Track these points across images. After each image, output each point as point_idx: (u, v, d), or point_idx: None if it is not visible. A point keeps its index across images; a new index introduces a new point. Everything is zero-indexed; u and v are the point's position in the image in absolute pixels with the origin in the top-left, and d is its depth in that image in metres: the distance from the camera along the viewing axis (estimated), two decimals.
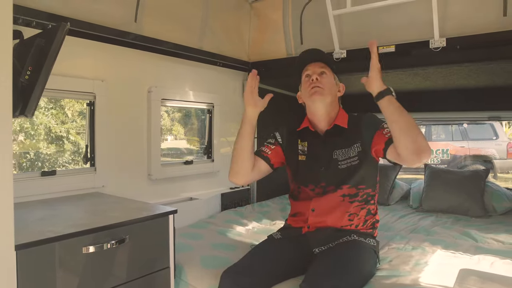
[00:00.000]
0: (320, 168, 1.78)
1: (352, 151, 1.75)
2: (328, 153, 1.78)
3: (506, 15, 2.20)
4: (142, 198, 2.27)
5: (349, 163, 1.74)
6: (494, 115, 3.53)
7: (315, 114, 1.82)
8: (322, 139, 1.82)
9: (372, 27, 2.66)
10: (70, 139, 5.36)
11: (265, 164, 1.88)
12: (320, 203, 1.76)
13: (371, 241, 1.76)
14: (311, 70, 1.81)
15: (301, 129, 1.88)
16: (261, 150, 1.92)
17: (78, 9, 2.08)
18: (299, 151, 1.87)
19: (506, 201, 2.95)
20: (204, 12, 2.81)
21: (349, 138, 1.77)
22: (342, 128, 1.79)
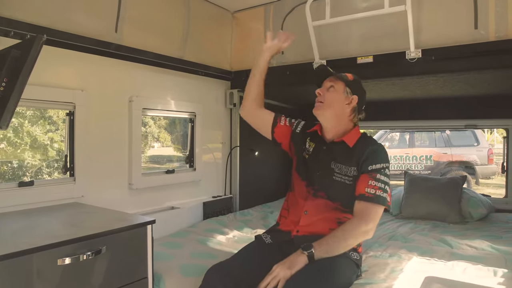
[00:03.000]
0: (316, 172, 1.85)
1: (349, 171, 1.80)
2: (327, 162, 1.85)
3: (477, 28, 2.28)
4: (123, 207, 2.27)
5: (344, 179, 1.80)
6: (471, 123, 3.62)
7: (322, 124, 1.95)
8: (325, 147, 1.90)
9: (351, 38, 2.72)
10: (54, 147, 5.31)
11: (270, 122, 2.06)
12: (313, 206, 1.81)
13: (354, 254, 1.79)
14: (323, 86, 1.94)
15: (311, 131, 2.00)
16: (279, 115, 2.09)
17: (58, 19, 2.07)
18: (305, 148, 1.97)
19: (481, 207, 3.02)
20: (186, 22, 2.84)
21: (349, 159, 1.81)
22: (346, 145, 1.85)
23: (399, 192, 3.42)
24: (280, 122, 2.05)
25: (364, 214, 1.68)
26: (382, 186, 1.71)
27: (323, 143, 1.92)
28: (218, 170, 3.35)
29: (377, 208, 1.69)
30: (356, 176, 1.78)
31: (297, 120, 2.10)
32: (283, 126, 2.05)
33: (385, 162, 1.78)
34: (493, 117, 3.48)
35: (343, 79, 1.90)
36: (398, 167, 9.47)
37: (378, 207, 1.69)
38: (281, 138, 2.06)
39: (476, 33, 2.28)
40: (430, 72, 2.50)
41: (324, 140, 1.93)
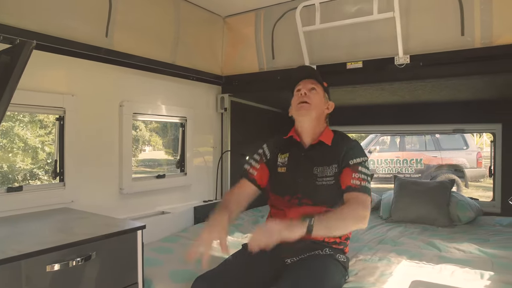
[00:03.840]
0: (298, 179, 1.84)
1: (329, 170, 1.81)
2: (309, 167, 1.84)
3: (463, 34, 2.33)
4: (113, 212, 2.26)
5: (326, 182, 1.80)
6: (459, 128, 3.68)
7: (302, 127, 1.91)
8: (305, 152, 1.88)
9: (341, 43, 2.75)
10: (46, 150, 5.26)
11: (252, 187, 1.93)
12: (298, 214, 1.79)
13: (341, 256, 1.81)
14: (303, 86, 1.89)
15: (287, 137, 1.97)
16: (248, 171, 1.95)
17: (48, 24, 2.07)
18: (279, 163, 1.93)
19: (469, 210, 3.06)
20: (177, 27, 2.85)
21: (330, 157, 1.83)
22: (325, 145, 1.86)
23: (389, 196, 3.45)
24: (255, 175, 1.92)
25: (359, 200, 1.68)
26: (365, 177, 1.75)
27: (301, 149, 1.91)
28: (209, 175, 3.35)
29: (366, 197, 1.71)
30: (338, 172, 1.79)
31: (261, 150, 2.00)
32: (258, 173, 1.93)
33: (364, 156, 1.83)
34: (481, 121, 3.53)
35: (322, 84, 1.92)
36: (388, 170, 9.54)
37: (366, 196, 1.72)
38: (266, 178, 1.95)
39: (463, 40, 2.33)
40: (418, 78, 2.54)
41: (301, 145, 1.91)
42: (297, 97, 1.88)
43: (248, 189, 1.93)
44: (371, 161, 9.65)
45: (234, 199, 1.87)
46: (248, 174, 1.94)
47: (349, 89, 2.92)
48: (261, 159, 1.97)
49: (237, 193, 1.92)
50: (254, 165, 1.96)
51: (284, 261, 1.76)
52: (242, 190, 1.93)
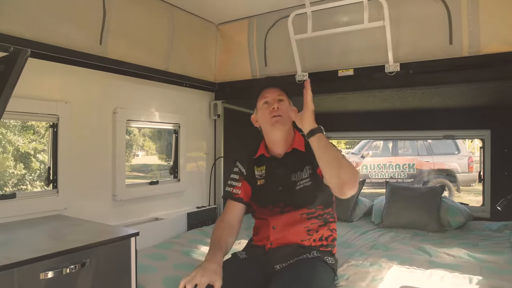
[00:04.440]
0: (277, 188, 1.86)
1: (304, 173, 1.84)
2: (287, 175, 1.86)
3: (452, 43, 2.38)
4: (106, 219, 2.27)
5: (303, 184, 1.83)
6: (449, 134, 3.74)
7: (275, 140, 1.89)
8: (281, 162, 1.89)
9: (332, 51, 2.80)
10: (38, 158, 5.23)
11: (241, 206, 1.93)
12: (280, 221, 1.83)
13: (329, 259, 1.83)
14: (270, 98, 1.86)
15: (257, 156, 1.94)
16: (232, 193, 1.95)
17: (42, 31, 2.09)
18: (257, 176, 1.94)
19: (459, 215, 3.10)
20: (170, 34, 2.87)
21: (303, 161, 1.85)
22: (299, 151, 1.87)
23: (381, 201, 3.48)
24: (240, 194, 1.92)
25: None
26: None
27: (274, 159, 1.91)
28: (202, 181, 3.37)
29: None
30: (313, 173, 1.81)
31: (237, 169, 1.99)
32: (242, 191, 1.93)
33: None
34: (470, 127, 3.59)
35: (286, 91, 1.90)
36: (381, 175, 9.61)
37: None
38: (250, 194, 1.95)
39: (451, 49, 2.39)
40: (409, 85, 2.59)
41: (275, 157, 1.91)
42: (268, 110, 1.83)
43: (238, 211, 1.93)
44: (364, 166, 9.72)
45: (226, 229, 1.85)
46: (233, 195, 1.94)
47: (340, 96, 2.96)
48: (240, 177, 1.97)
49: (228, 220, 1.91)
50: (235, 184, 1.96)
51: (273, 268, 1.77)
52: (233, 215, 1.92)
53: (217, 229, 1.87)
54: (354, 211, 3.48)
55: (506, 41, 2.25)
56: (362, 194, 3.71)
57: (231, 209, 1.93)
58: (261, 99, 1.89)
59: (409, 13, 2.50)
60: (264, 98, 1.87)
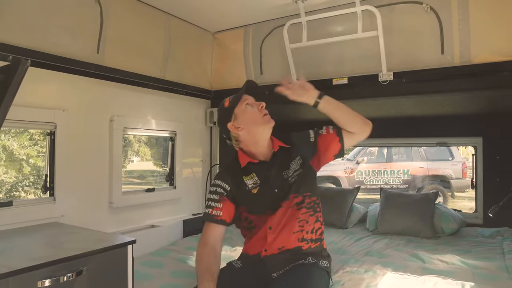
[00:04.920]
0: (274, 190, 1.84)
1: (295, 165, 1.87)
2: (279, 174, 1.86)
3: (443, 53, 2.43)
4: (103, 226, 2.29)
5: (296, 175, 1.85)
6: (442, 141, 3.78)
7: (264, 140, 1.87)
8: (272, 163, 1.88)
9: (327, 60, 2.84)
10: (30, 163, 5.21)
11: (222, 228, 1.86)
12: (274, 220, 1.82)
13: (324, 262, 1.85)
14: (250, 100, 1.87)
15: (244, 165, 1.89)
16: (212, 215, 1.84)
17: (40, 41, 2.12)
18: (251, 186, 1.87)
19: (453, 222, 3.14)
20: (167, 42, 2.91)
21: (291, 155, 1.89)
22: (286, 149, 1.90)
23: (375, 208, 3.51)
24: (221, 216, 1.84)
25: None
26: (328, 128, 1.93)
27: (263, 163, 1.88)
28: (198, 188, 3.39)
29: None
30: (304, 162, 1.88)
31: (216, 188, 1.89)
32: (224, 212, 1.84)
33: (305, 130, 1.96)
34: (463, 135, 3.64)
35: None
36: (376, 181, 9.64)
37: None
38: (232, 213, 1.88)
39: (443, 58, 2.44)
40: (402, 94, 2.64)
41: (262, 161, 1.89)
42: (256, 110, 1.85)
43: (220, 232, 1.86)
44: (359, 172, 9.76)
45: (213, 255, 1.79)
46: (213, 217, 1.83)
47: None
48: (221, 196, 1.86)
49: (212, 244, 1.82)
50: (215, 205, 1.85)
51: (270, 276, 1.79)
52: (216, 237, 1.84)
53: (203, 257, 1.78)
54: (349, 217, 3.51)
55: (496, 51, 2.30)
56: (357, 200, 3.74)
57: (213, 231, 1.84)
58: (242, 102, 1.85)
59: (402, 23, 2.55)
60: (245, 100, 1.86)
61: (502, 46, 2.29)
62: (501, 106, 3.09)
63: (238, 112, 1.84)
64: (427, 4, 2.44)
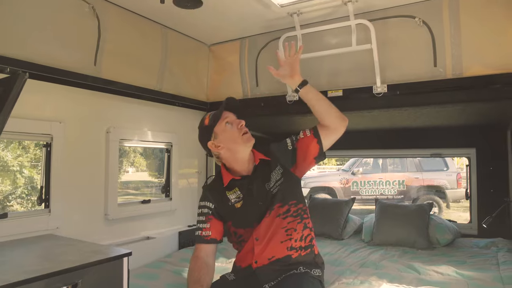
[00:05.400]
0: (258, 203, 1.85)
1: (276, 175, 1.87)
2: (262, 187, 1.87)
3: (436, 65, 2.47)
4: (98, 238, 2.28)
5: (278, 185, 1.85)
6: (436, 152, 3.83)
7: (244, 157, 1.88)
8: (253, 177, 1.89)
9: (322, 73, 2.87)
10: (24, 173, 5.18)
11: (213, 246, 1.89)
12: (260, 231, 1.83)
13: (316, 271, 1.85)
14: (231, 117, 1.88)
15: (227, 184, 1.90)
16: (202, 236, 1.87)
17: (38, 53, 2.13)
18: (234, 200, 1.88)
19: (448, 233, 3.16)
20: (164, 55, 2.93)
21: (271, 166, 1.89)
22: (266, 161, 1.90)
23: (371, 219, 3.53)
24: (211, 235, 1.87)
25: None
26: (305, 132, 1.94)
27: (244, 178, 1.89)
28: (194, 199, 3.38)
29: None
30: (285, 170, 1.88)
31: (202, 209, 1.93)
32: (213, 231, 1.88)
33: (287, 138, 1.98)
34: (456, 146, 3.69)
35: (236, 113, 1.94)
36: (372, 192, 9.67)
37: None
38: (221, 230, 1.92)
39: (436, 71, 2.48)
40: (396, 106, 2.67)
41: (244, 176, 1.90)
42: (236, 129, 1.84)
43: (211, 248, 1.89)
44: (354, 183, 9.78)
45: (204, 269, 1.82)
46: (203, 238, 1.87)
47: None
48: (207, 216, 1.90)
49: (203, 258, 1.85)
50: (204, 226, 1.88)
51: (262, 287, 1.79)
52: (207, 252, 1.87)
53: (194, 270, 1.81)
54: (345, 229, 3.52)
55: (487, 64, 2.35)
56: (352, 211, 3.76)
57: (204, 248, 1.87)
58: (222, 121, 1.86)
59: (395, 37, 2.59)
60: (225, 118, 1.87)
61: (494, 59, 2.33)
62: (493, 118, 3.14)
63: (218, 131, 1.85)
64: (420, 18, 2.49)
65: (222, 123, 1.85)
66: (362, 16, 2.58)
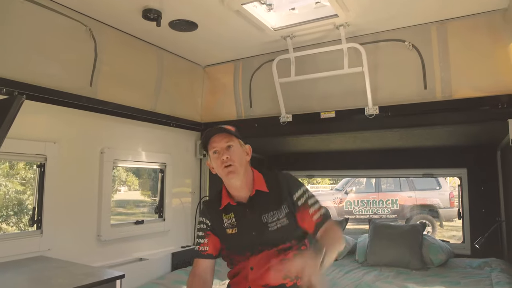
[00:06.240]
0: (251, 233, 1.79)
1: (280, 213, 1.79)
2: (257, 218, 1.80)
3: (426, 88, 2.54)
4: (90, 260, 2.25)
5: (279, 224, 1.78)
6: (428, 172, 3.86)
7: (235, 187, 1.83)
8: (248, 206, 1.83)
9: (315, 94, 2.93)
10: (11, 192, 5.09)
11: (210, 262, 1.84)
12: (257, 261, 1.81)
13: None
14: (218, 146, 1.79)
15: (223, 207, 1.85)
16: (199, 251, 1.84)
17: (34, 73, 2.15)
18: (226, 225, 1.84)
19: (441, 253, 3.16)
20: (159, 76, 2.97)
21: (275, 200, 1.81)
22: (263, 193, 1.82)
23: (364, 240, 3.52)
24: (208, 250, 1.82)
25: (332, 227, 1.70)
26: (318, 205, 1.76)
27: (241, 205, 1.83)
28: (187, 220, 3.37)
29: (332, 222, 1.74)
30: (289, 212, 1.78)
31: (201, 225, 1.88)
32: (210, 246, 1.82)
33: (300, 186, 1.82)
34: (448, 166, 3.73)
35: (234, 134, 1.79)
36: (365, 211, 9.66)
37: (331, 221, 1.74)
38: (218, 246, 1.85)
39: (426, 93, 2.54)
40: (387, 127, 2.72)
41: (241, 202, 1.84)
42: (219, 161, 1.75)
43: (209, 264, 1.84)
44: (347, 202, 9.78)
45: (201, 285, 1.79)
46: (200, 253, 1.84)
47: (323, 137, 3.07)
48: (206, 232, 1.86)
49: (201, 275, 1.81)
50: (201, 241, 1.86)
51: None
52: (205, 268, 1.83)
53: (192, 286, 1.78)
54: None
55: (475, 87, 2.41)
56: (346, 231, 3.76)
57: (201, 264, 1.84)
58: (210, 149, 1.80)
59: (386, 60, 2.67)
60: (213, 148, 1.80)
61: (481, 82, 2.41)
62: (483, 138, 3.19)
63: (211, 158, 1.82)
64: (409, 42, 2.57)
65: (211, 151, 1.80)
66: (354, 39, 2.65)
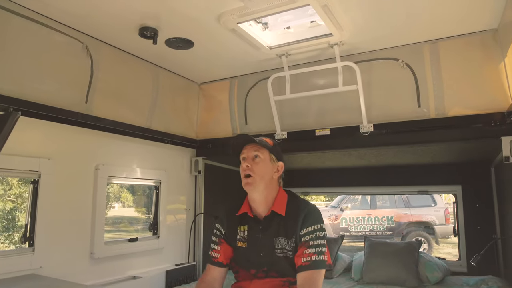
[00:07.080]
0: (259, 254, 1.78)
1: (288, 244, 1.75)
2: (269, 240, 1.78)
3: (420, 106, 2.56)
4: (83, 278, 2.23)
5: (285, 254, 1.75)
6: (423, 189, 3.87)
7: (253, 199, 1.81)
8: (262, 225, 1.81)
9: (310, 112, 2.95)
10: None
11: (220, 269, 1.84)
12: (261, 285, 1.78)
13: None
14: (246, 153, 1.79)
15: (240, 213, 1.85)
16: (211, 256, 1.85)
17: (30, 90, 2.15)
18: (239, 237, 1.83)
19: (437, 271, 3.14)
20: (154, 93, 2.98)
21: (287, 229, 1.77)
22: (280, 216, 1.78)
23: (360, 257, 3.50)
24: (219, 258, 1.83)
25: (306, 285, 1.64)
26: (317, 250, 1.68)
27: (257, 221, 1.82)
28: (182, 237, 3.33)
29: (316, 274, 1.66)
30: (295, 247, 1.73)
31: (216, 231, 1.88)
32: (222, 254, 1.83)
33: (317, 223, 1.72)
34: (442, 183, 3.74)
35: (266, 146, 1.76)
36: (361, 228, 9.62)
37: (317, 272, 1.66)
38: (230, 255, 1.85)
39: (420, 111, 2.57)
40: (382, 144, 2.74)
41: (257, 217, 1.82)
42: (242, 168, 1.74)
43: (219, 272, 1.84)
44: (343, 219, 9.74)
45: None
46: (211, 258, 1.84)
47: (318, 154, 3.07)
48: (219, 238, 1.86)
49: (209, 281, 1.83)
50: (215, 247, 1.85)
51: None
52: (214, 276, 1.84)
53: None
54: (334, 267, 3.48)
55: (468, 105, 2.45)
56: (341, 248, 3.73)
57: (211, 271, 1.85)
58: (240, 156, 1.81)
59: (380, 78, 2.70)
60: (242, 154, 1.80)
61: (474, 100, 2.44)
62: (477, 155, 3.22)
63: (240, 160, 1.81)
64: (403, 60, 2.61)
65: (241, 156, 1.80)
66: (348, 58, 2.68)
